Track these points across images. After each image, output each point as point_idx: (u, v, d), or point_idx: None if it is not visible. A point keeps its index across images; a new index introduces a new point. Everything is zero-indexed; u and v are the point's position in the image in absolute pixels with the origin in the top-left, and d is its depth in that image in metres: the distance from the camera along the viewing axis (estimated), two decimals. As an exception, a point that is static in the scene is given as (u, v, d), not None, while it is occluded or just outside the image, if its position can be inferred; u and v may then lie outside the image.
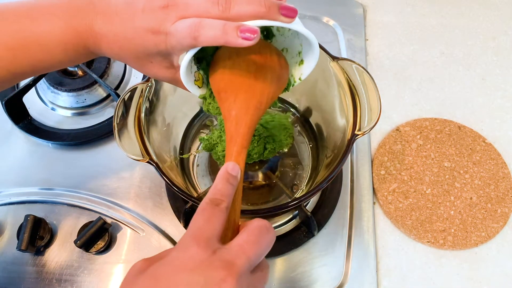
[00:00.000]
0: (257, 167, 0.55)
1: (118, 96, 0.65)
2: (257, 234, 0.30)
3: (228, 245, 0.29)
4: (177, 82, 0.38)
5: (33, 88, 0.68)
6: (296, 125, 0.61)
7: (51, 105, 0.68)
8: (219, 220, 0.30)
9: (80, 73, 0.68)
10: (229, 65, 0.37)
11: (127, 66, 0.72)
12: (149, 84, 0.46)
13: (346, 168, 0.62)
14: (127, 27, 0.34)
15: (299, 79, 0.40)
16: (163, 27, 0.32)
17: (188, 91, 0.38)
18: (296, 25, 0.33)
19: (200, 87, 0.39)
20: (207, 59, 0.39)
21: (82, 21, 0.35)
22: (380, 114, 0.44)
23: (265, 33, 0.39)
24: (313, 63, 0.38)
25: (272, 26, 0.38)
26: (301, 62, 0.39)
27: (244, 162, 0.34)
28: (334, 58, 0.47)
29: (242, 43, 0.30)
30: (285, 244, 0.56)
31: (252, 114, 0.36)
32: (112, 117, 0.65)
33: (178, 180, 0.49)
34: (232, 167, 0.33)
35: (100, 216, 0.56)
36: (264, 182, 0.57)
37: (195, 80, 0.38)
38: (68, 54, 0.37)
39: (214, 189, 0.32)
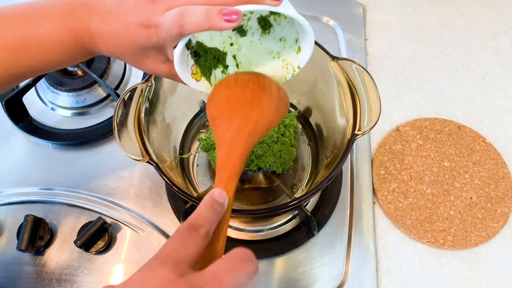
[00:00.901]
0: (257, 167, 0.55)
1: (118, 96, 0.65)
2: (236, 262, 0.27)
3: (200, 272, 0.27)
4: (175, 77, 0.37)
5: (33, 88, 0.68)
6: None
7: (51, 105, 0.68)
8: (194, 244, 0.27)
9: (80, 73, 0.68)
10: (226, 93, 0.38)
11: (127, 66, 0.71)
12: (149, 84, 0.46)
13: (346, 168, 0.62)
14: (121, 25, 0.34)
15: (298, 67, 0.40)
16: (153, 20, 0.32)
17: (187, 85, 0.38)
18: (283, 8, 0.32)
19: (198, 81, 0.39)
20: (205, 55, 0.39)
21: (78, 21, 0.36)
22: (380, 114, 0.44)
23: (262, 24, 0.39)
24: (310, 49, 0.38)
25: (269, 16, 0.38)
26: (299, 49, 0.39)
27: (234, 190, 0.33)
28: (334, 58, 0.48)
29: (226, 25, 0.30)
30: (285, 244, 0.56)
31: (245, 141, 0.35)
32: (112, 117, 0.65)
33: (178, 180, 0.49)
34: (218, 194, 0.31)
35: (100, 216, 0.56)
36: (264, 182, 0.57)
37: (192, 73, 0.38)
38: (66, 55, 0.37)
39: (195, 213, 0.30)
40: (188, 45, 0.38)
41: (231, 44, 0.40)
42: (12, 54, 0.37)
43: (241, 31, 0.40)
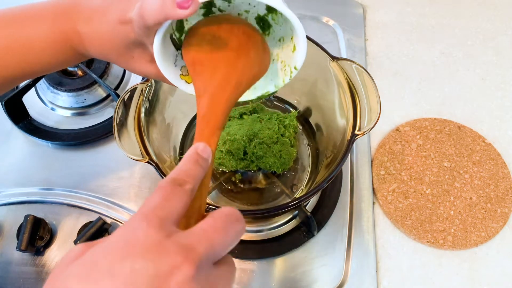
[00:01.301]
0: (257, 167, 0.55)
1: (118, 96, 0.65)
2: (225, 220, 0.25)
3: (188, 230, 0.24)
4: (165, 78, 0.37)
5: (33, 88, 0.68)
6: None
7: (51, 105, 0.68)
8: (180, 201, 0.25)
9: (79, 73, 0.68)
10: (208, 36, 0.34)
11: (127, 66, 0.71)
12: (149, 84, 0.46)
13: (346, 168, 0.62)
14: (103, 23, 0.34)
15: (295, 68, 0.38)
16: (128, 16, 0.32)
17: (175, 86, 0.37)
18: None
19: (189, 83, 0.38)
20: None
21: (67, 22, 0.36)
22: (380, 114, 0.44)
23: (261, 24, 0.39)
24: (303, 46, 0.35)
25: (267, 15, 0.38)
26: (294, 48, 0.37)
27: (216, 145, 0.31)
28: (334, 58, 0.48)
29: (182, 13, 0.29)
30: (285, 244, 0.56)
31: (230, 93, 0.32)
32: (112, 117, 0.65)
33: (178, 180, 0.49)
34: (202, 148, 0.29)
35: (99, 216, 0.56)
36: (264, 182, 0.57)
37: (181, 74, 0.37)
38: (56, 57, 0.37)
39: (178, 169, 0.28)
40: (178, 46, 0.37)
41: None
42: (3, 57, 0.37)
43: None
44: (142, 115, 0.45)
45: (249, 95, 0.40)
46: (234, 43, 0.34)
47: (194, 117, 0.61)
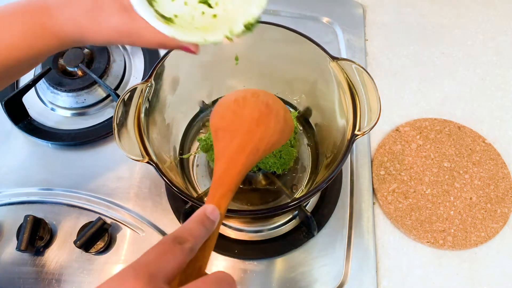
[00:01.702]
0: (257, 168, 0.55)
1: (118, 96, 0.65)
2: (214, 285, 0.25)
3: None
4: (139, 32, 0.33)
5: (33, 88, 0.68)
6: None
7: (51, 105, 0.68)
8: (175, 259, 0.26)
9: (79, 73, 0.68)
10: (233, 107, 0.38)
11: (127, 66, 0.71)
12: (149, 85, 0.46)
13: (346, 168, 0.62)
14: None
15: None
16: None
17: (152, 26, 0.33)
18: None
19: (165, 24, 0.33)
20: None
21: (36, 15, 0.34)
22: (379, 114, 0.44)
23: None
24: None
25: None
26: None
27: (226, 207, 0.32)
28: (333, 58, 0.48)
29: None
30: (285, 244, 0.56)
31: (246, 158, 0.35)
32: (111, 117, 0.65)
33: (177, 180, 0.49)
34: (211, 211, 0.30)
35: (99, 217, 0.56)
36: (264, 183, 0.57)
37: (156, 15, 0.34)
38: (25, 38, 0.35)
39: (183, 226, 0.28)
40: None
41: None
42: None
43: None
44: (142, 115, 0.45)
45: (233, 27, 0.34)
46: (255, 114, 0.37)
47: (194, 117, 0.61)
